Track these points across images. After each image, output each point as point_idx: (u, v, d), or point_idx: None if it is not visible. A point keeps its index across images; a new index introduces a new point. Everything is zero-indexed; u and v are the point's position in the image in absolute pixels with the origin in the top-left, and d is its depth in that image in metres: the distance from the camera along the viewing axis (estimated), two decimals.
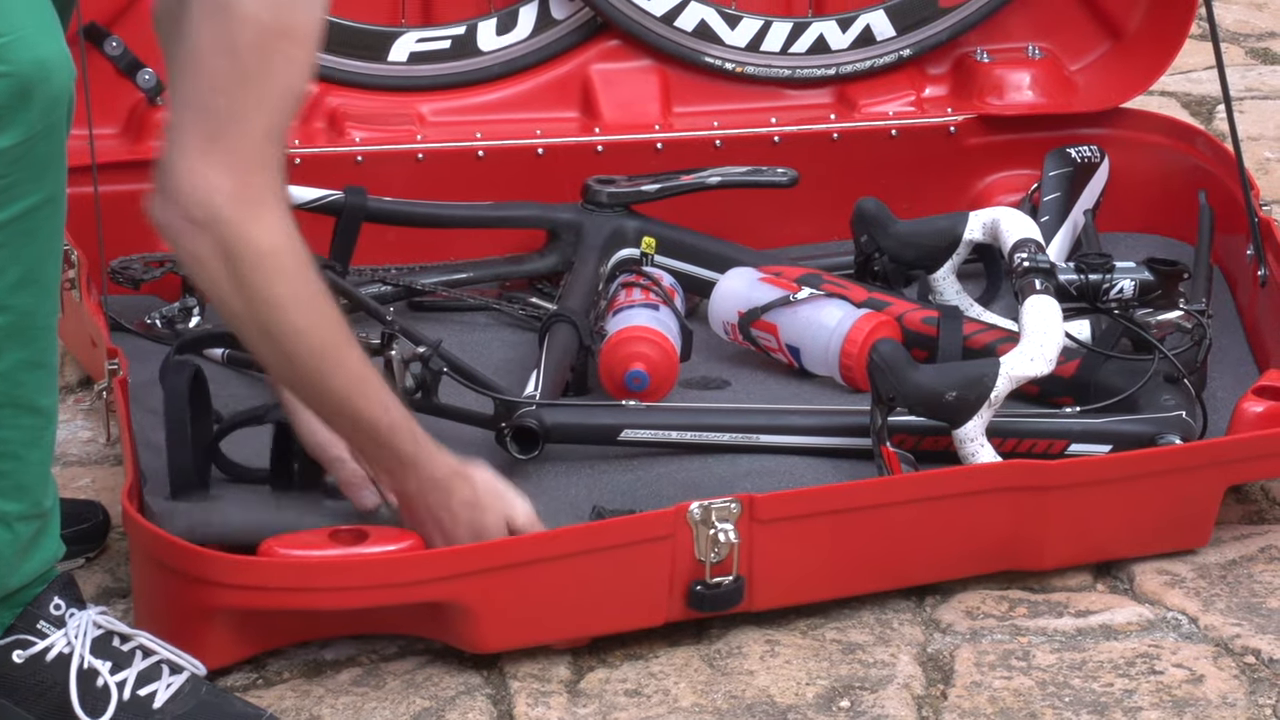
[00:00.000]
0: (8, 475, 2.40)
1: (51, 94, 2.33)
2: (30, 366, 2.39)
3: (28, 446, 2.41)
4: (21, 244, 2.34)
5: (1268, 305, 3.10)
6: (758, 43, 3.44)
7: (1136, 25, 3.44)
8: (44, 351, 2.41)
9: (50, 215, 2.37)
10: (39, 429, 2.42)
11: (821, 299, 3.12)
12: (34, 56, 2.31)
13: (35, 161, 2.33)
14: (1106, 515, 2.80)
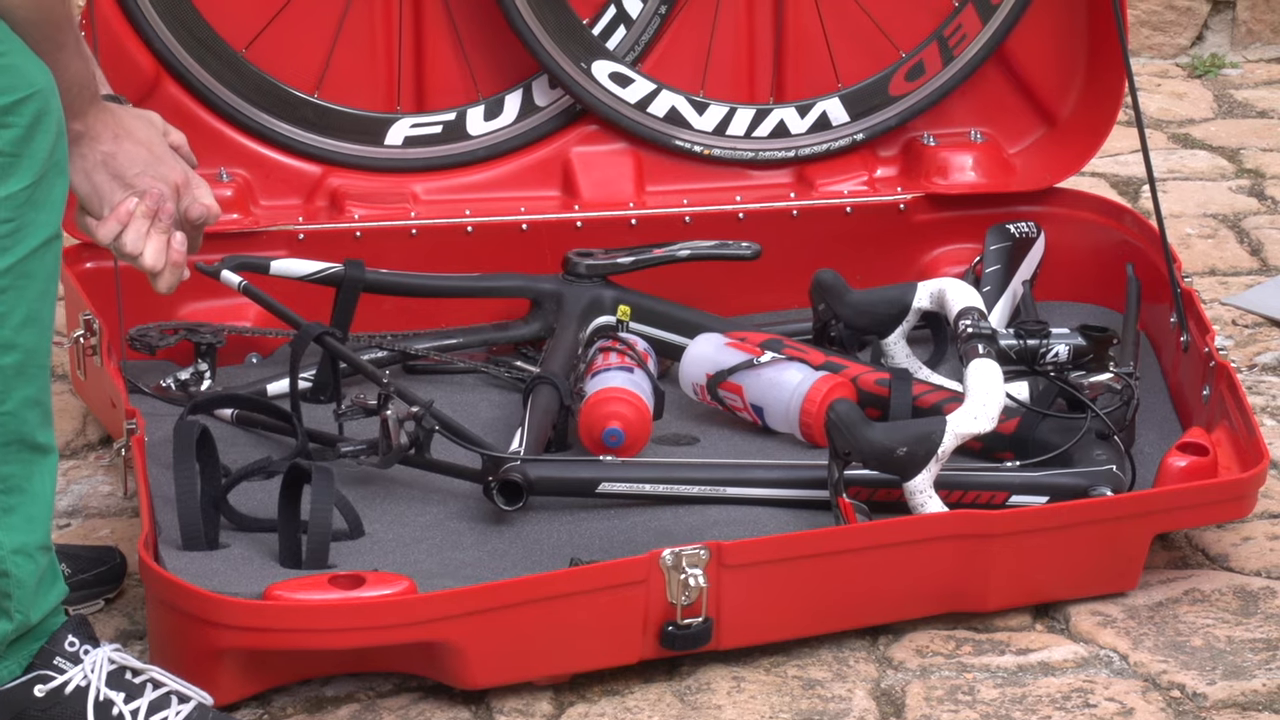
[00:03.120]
0: (18, 509, 2.38)
1: (55, 127, 2.32)
2: (33, 404, 2.37)
3: (34, 480, 2.39)
4: (26, 284, 2.33)
5: (1189, 368, 3.10)
6: (723, 127, 3.44)
7: (1069, 112, 3.44)
8: (44, 389, 2.39)
9: (52, 253, 2.36)
10: (43, 463, 2.40)
11: (783, 362, 3.11)
12: (39, 88, 2.30)
13: (41, 202, 2.32)
14: (1044, 561, 2.80)
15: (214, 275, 3.11)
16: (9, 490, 2.38)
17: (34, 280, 2.33)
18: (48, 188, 2.32)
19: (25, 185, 2.29)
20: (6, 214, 2.29)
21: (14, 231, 2.29)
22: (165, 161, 2.57)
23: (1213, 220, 3.84)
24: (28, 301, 2.33)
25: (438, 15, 3.38)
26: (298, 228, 3.32)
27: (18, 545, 2.40)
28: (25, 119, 2.28)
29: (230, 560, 2.74)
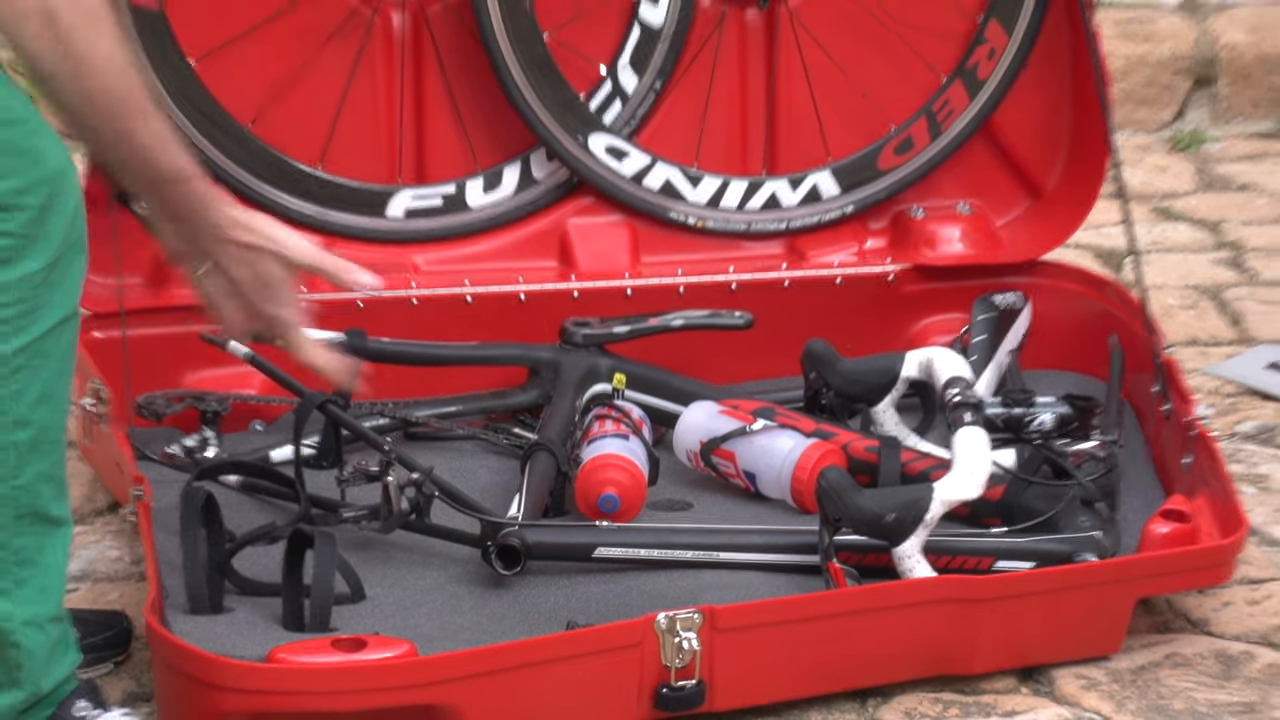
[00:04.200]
0: (30, 581, 2.39)
1: (72, 208, 2.33)
2: (46, 478, 2.38)
3: (47, 553, 2.40)
4: (41, 363, 2.33)
5: (1172, 437, 3.11)
6: (717, 200, 3.45)
7: (1054, 185, 3.46)
8: (57, 464, 2.41)
9: (69, 331, 2.36)
10: (56, 536, 2.41)
11: (775, 430, 3.12)
12: (55, 166, 2.31)
13: (58, 282, 2.33)
14: (1030, 625, 2.81)
15: (221, 345, 3.13)
16: (22, 563, 2.39)
17: (49, 359, 2.34)
18: (65, 267, 2.33)
19: (40, 267, 2.30)
20: (21, 295, 2.29)
21: (29, 312, 2.30)
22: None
23: (1194, 291, 3.84)
24: (43, 380, 2.34)
25: (437, 89, 3.39)
26: (302, 298, 3.31)
27: (29, 617, 2.40)
28: (38, 200, 2.29)
29: (235, 624, 2.74)
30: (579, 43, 3.38)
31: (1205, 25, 4.56)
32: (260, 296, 2.47)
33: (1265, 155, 4.39)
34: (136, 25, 3.24)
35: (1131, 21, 4.56)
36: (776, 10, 3.41)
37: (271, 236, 2.46)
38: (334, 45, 3.33)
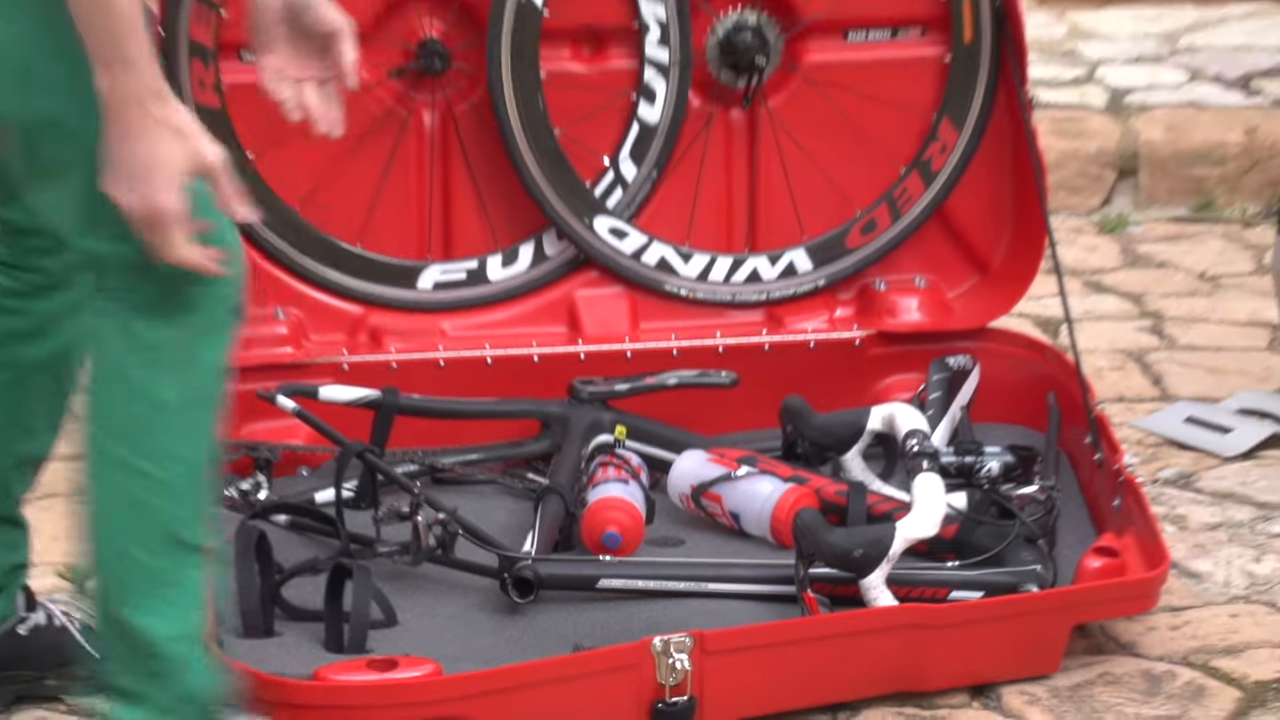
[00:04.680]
0: (176, 601, 2.35)
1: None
2: (191, 510, 2.35)
3: (188, 576, 2.36)
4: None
5: (1102, 482, 3.09)
6: (705, 274, 3.44)
7: (999, 262, 3.44)
8: (204, 497, 2.36)
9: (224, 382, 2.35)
10: (195, 561, 2.36)
11: (756, 475, 3.10)
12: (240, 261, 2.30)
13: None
14: (979, 647, 2.79)
15: (270, 400, 3.11)
16: (168, 584, 2.34)
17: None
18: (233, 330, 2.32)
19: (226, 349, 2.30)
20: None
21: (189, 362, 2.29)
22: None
23: (1121, 355, 3.84)
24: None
25: (462, 178, 3.39)
26: (342, 359, 3.31)
27: (174, 633, 2.35)
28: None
29: (283, 646, 2.74)
30: (585, 137, 3.37)
31: (1128, 124, 4.56)
32: (157, 177, 2.19)
33: (1180, 237, 4.40)
34: (203, 124, 3.22)
35: (1065, 120, 4.57)
36: (757, 110, 3.40)
37: (190, 129, 2.23)
38: (373, 139, 3.33)
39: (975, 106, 3.39)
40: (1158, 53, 5.00)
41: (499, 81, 3.32)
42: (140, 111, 2.16)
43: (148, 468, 2.30)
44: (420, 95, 3.35)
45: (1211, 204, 4.51)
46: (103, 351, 2.31)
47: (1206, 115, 4.60)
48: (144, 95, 2.17)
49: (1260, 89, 4.74)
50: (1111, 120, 4.59)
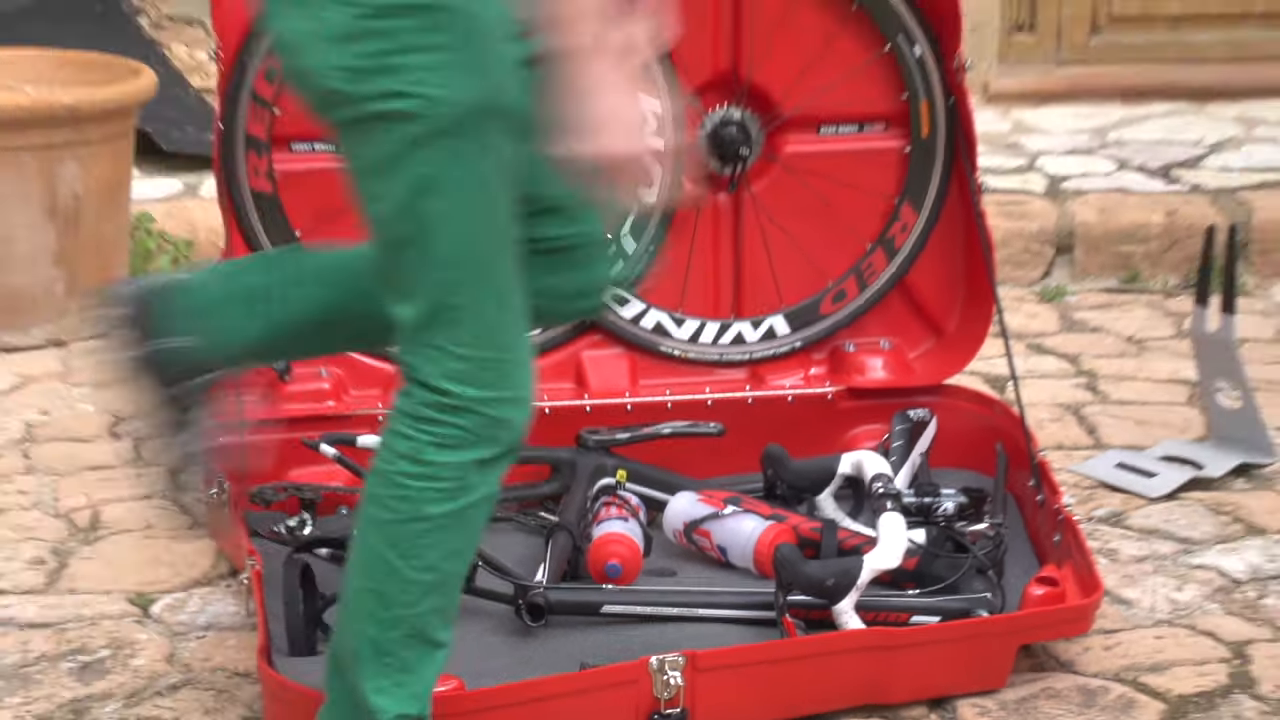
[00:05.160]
0: (406, 685, 2.30)
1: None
2: (438, 612, 2.29)
3: (424, 667, 2.31)
4: (459, 527, 2.25)
5: (1044, 520, 3.07)
6: (696, 337, 3.42)
7: (953, 327, 3.43)
8: (452, 600, 2.31)
9: (485, 508, 2.31)
10: (434, 656, 2.32)
11: (741, 514, 3.08)
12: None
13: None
14: (937, 665, 2.77)
15: (314, 448, 3.10)
16: (403, 670, 2.28)
17: (465, 526, 2.27)
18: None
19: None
20: (460, 474, 2.23)
21: (461, 489, 2.24)
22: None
23: (1059, 408, 3.83)
24: (456, 539, 2.27)
25: None
26: (378, 411, 3.28)
27: (399, 713, 2.30)
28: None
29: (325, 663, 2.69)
30: None
31: (1065, 207, 4.56)
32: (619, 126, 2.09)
33: (1111, 306, 4.40)
34: (256, 207, 3.23)
35: (1010, 203, 4.56)
36: (742, 194, 3.39)
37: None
38: None
39: (932, 191, 3.38)
40: (1090, 145, 5.00)
41: None
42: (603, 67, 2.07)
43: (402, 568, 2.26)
44: None
45: (1137, 277, 4.50)
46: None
47: (1132, 200, 4.60)
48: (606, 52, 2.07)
49: (1179, 177, 4.75)
50: (1050, 204, 4.59)
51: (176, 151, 4.67)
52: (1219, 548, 3.24)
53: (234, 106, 3.18)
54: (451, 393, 2.19)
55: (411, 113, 2.09)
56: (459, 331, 2.18)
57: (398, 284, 2.21)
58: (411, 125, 2.10)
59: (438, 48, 2.09)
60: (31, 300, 4.07)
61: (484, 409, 2.20)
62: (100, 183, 4.09)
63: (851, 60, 3.32)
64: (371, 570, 2.27)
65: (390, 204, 2.16)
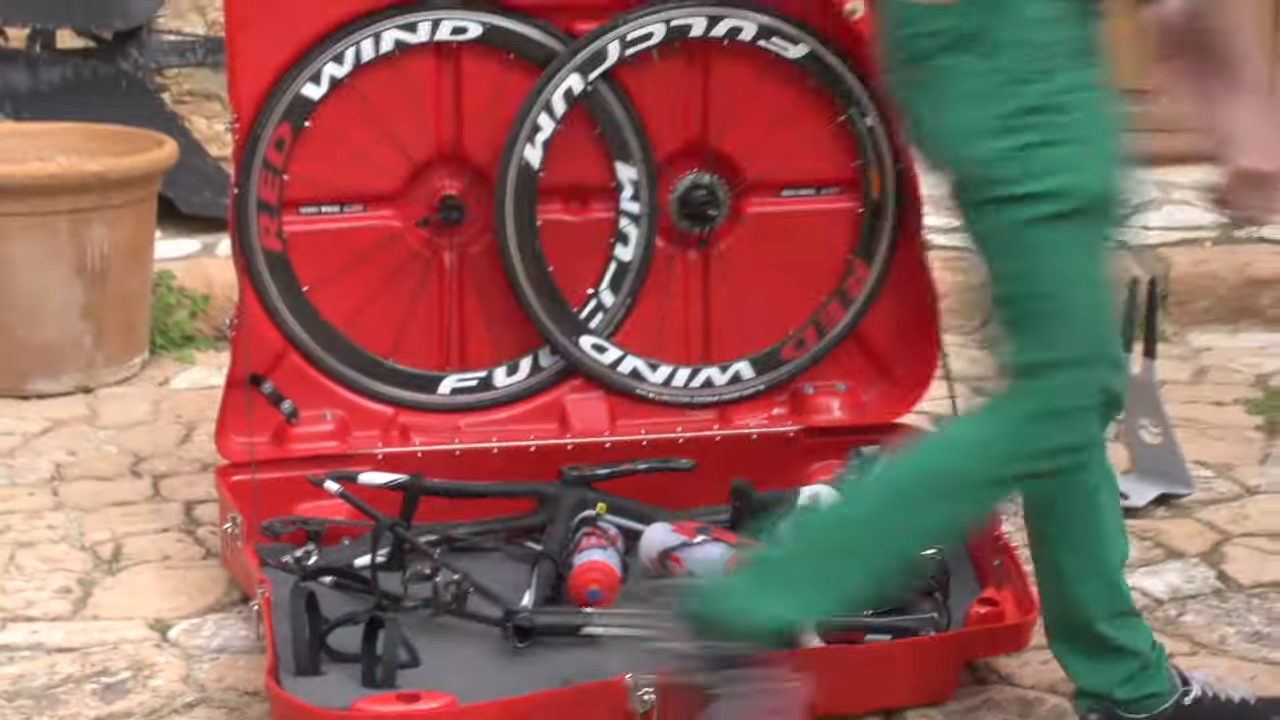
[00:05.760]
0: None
1: None
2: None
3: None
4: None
5: (986, 546, 3.02)
6: (669, 381, 3.40)
7: (903, 371, 3.41)
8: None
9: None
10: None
11: (710, 542, 3.04)
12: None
13: None
14: (890, 679, 2.74)
15: (319, 484, 3.08)
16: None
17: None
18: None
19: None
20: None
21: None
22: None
23: None
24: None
25: (475, 305, 3.35)
26: (378, 450, 3.27)
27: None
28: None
29: (328, 683, 2.69)
30: (573, 273, 3.33)
31: None
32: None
33: None
34: (268, 265, 3.21)
35: (953, 259, 4.54)
36: (710, 251, 3.38)
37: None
38: (403, 275, 3.30)
39: (882, 248, 3.37)
40: None
41: (504, 229, 3.29)
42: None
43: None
44: (441, 240, 3.32)
45: None
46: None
47: None
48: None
49: None
50: None
51: (195, 214, 4.67)
52: (1142, 570, 3.22)
53: (247, 173, 3.16)
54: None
55: (1048, 194, 2.28)
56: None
57: (1027, 340, 2.36)
58: (1046, 205, 2.28)
59: (1071, 141, 2.28)
60: (61, 351, 4.06)
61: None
62: (125, 243, 4.09)
63: (809, 130, 3.32)
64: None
65: (1020, 276, 2.34)
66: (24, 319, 4.02)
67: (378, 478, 3.13)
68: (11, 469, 3.69)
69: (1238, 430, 3.83)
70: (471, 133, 3.27)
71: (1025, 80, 2.27)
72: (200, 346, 4.31)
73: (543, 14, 3.22)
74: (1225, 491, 3.54)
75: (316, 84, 3.17)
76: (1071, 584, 2.54)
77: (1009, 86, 2.27)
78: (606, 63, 3.24)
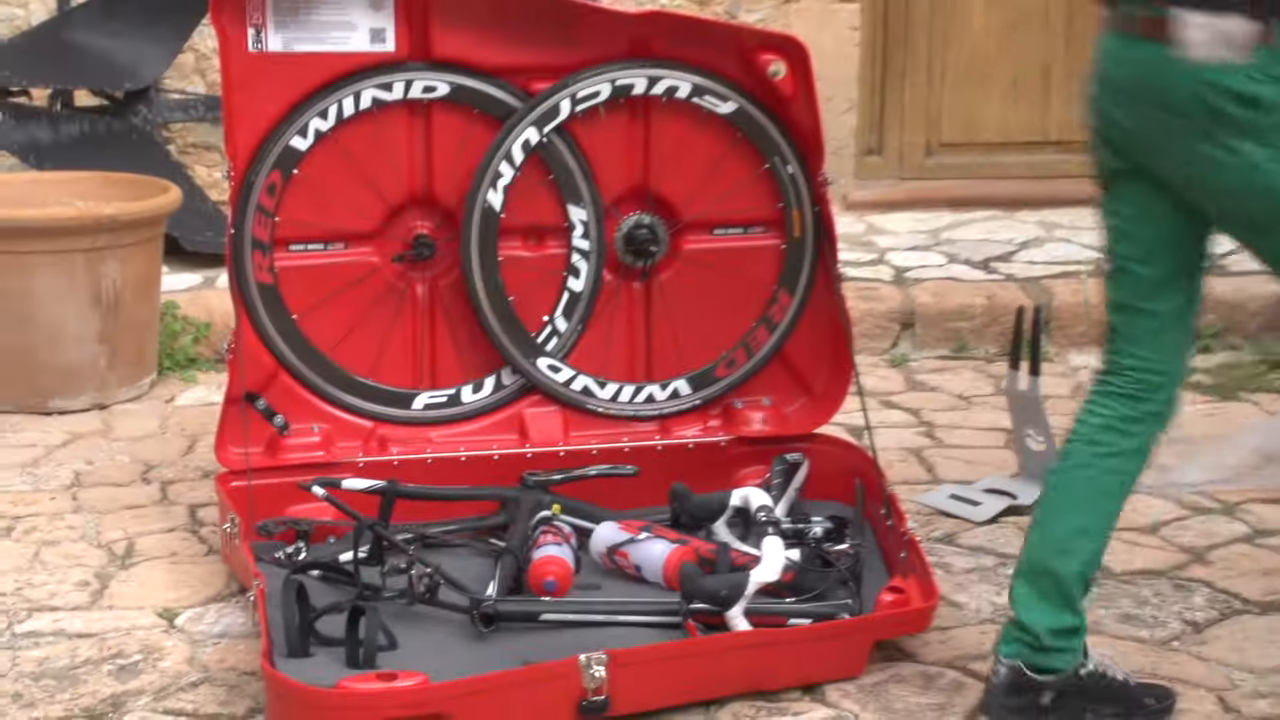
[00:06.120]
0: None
1: None
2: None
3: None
4: None
5: (893, 541, 3.05)
6: (616, 397, 3.39)
7: (821, 387, 3.41)
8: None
9: None
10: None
11: (653, 539, 3.05)
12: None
13: None
14: (809, 657, 2.74)
15: (307, 489, 3.05)
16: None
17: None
18: None
19: None
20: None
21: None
22: None
23: (905, 451, 3.82)
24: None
25: (444, 331, 3.34)
26: (359, 459, 3.25)
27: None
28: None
29: (316, 664, 2.66)
30: (531, 302, 3.33)
31: (908, 291, 4.57)
32: None
33: (944, 370, 4.40)
34: (261, 296, 3.19)
35: (864, 288, 4.57)
36: (652, 283, 3.37)
37: None
38: (381, 304, 3.28)
39: (803, 280, 3.37)
40: (926, 244, 5.02)
41: (470, 264, 3.28)
42: None
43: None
44: (415, 274, 3.31)
45: (965, 347, 4.51)
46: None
47: (960, 286, 4.61)
48: None
49: (996, 269, 4.77)
50: (896, 289, 4.59)
51: (197, 251, 4.65)
52: None
53: (243, 215, 3.15)
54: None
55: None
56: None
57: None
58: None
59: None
60: (79, 372, 4.03)
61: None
62: (136, 277, 4.06)
63: (738, 176, 3.32)
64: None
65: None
66: (46, 344, 3.99)
67: (359, 483, 3.11)
68: (36, 477, 3.66)
69: None
70: (441, 179, 3.27)
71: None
72: (202, 368, 4.28)
73: (503, 75, 3.22)
74: None
75: (304, 136, 3.16)
76: (1073, 535, 2.45)
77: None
78: (559, 117, 3.24)
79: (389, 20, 3.15)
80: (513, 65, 3.22)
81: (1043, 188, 5.36)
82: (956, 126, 5.41)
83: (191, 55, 5.03)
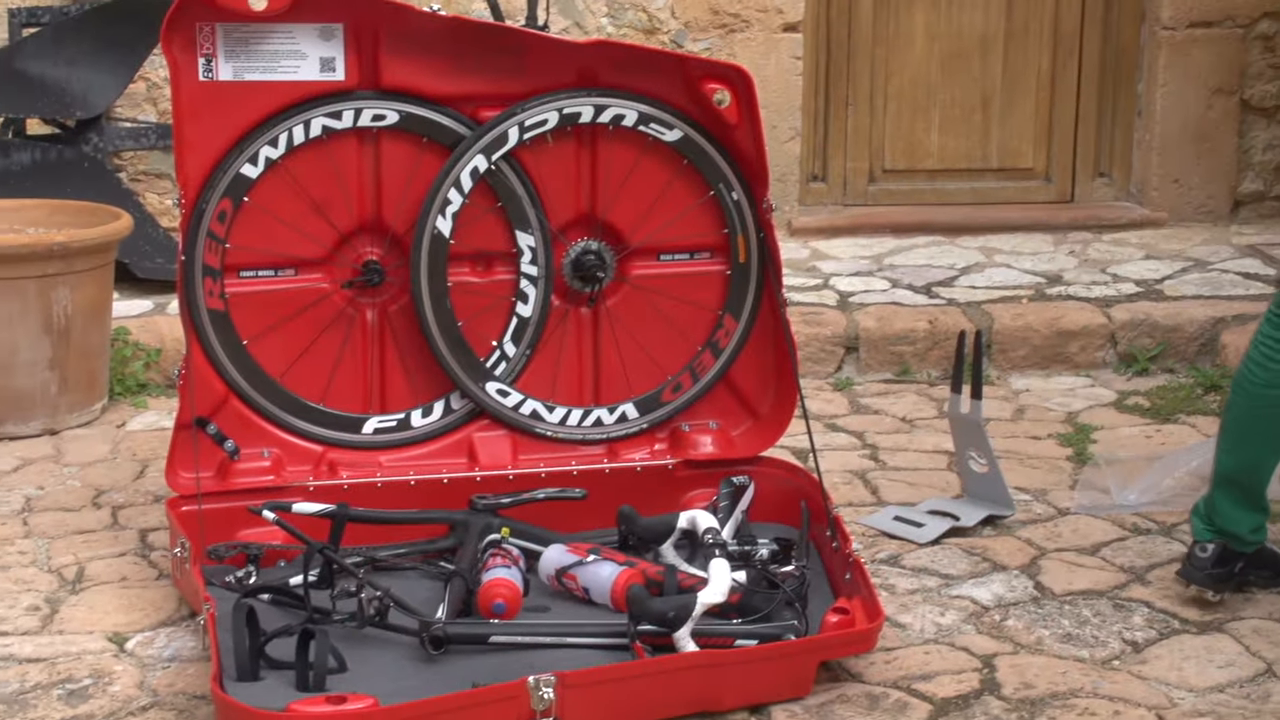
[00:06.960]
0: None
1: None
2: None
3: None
4: None
5: (838, 562, 3.06)
6: (564, 421, 3.39)
7: (766, 410, 3.42)
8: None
9: None
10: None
11: (601, 561, 3.04)
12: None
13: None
14: (756, 678, 2.74)
15: (258, 513, 3.03)
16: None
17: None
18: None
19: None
20: None
21: None
22: None
23: (850, 474, 3.83)
24: None
25: (394, 356, 3.33)
26: (309, 483, 3.23)
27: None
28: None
29: (266, 688, 2.64)
30: (480, 328, 3.32)
31: (852, 316, 4.58)
32: None
33: (888, 393, 4.41)
34: (211, 322, 3.17)
35: (809, 313, 4.58)
36: (599, 308, 3.38)
37: None
38: (330, 330, 3.27)
39: (748, 304, 3.38)
40: (870, 269, 5.04)
41: (419, 289, 3.27)
42: None
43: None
44: (364, 299, 3.30)
45: (908, 371, 4.53)
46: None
47: (903, 311, 4.63)
48: None
49: (938, 293, 4.79)
50: (840, 314, 4.61)
51: (148, 278, 4.63)
52: (972, 581, 3.24)
53: (193, 242, 3.13)
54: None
55: None
56: None
57: None
58: None
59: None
60: (31, 398, 3.99)
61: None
62: (87, 303, 4.03)
63: (684, 203, 3.33)
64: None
65: None
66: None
67: (309, 507, 3.09)
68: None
69: (1051, 460, 3.88)
70: (390, 206, 3.26)
71: None
72: (153, 393, 4.25)
73: (452, 103, 3.22)
74: (1041, 513, 3.58)
75: (254, 164, 3.15)
76: (1272, 454, 2.92)
77: None
78: (508, 145, 3.24)
79: (339, 50, 3.15)
80: (461, 94, 3.22)
81: (984, 214, 5.40)
82: (899, 154, 5.45)
83: (143, 84, 5.01)
